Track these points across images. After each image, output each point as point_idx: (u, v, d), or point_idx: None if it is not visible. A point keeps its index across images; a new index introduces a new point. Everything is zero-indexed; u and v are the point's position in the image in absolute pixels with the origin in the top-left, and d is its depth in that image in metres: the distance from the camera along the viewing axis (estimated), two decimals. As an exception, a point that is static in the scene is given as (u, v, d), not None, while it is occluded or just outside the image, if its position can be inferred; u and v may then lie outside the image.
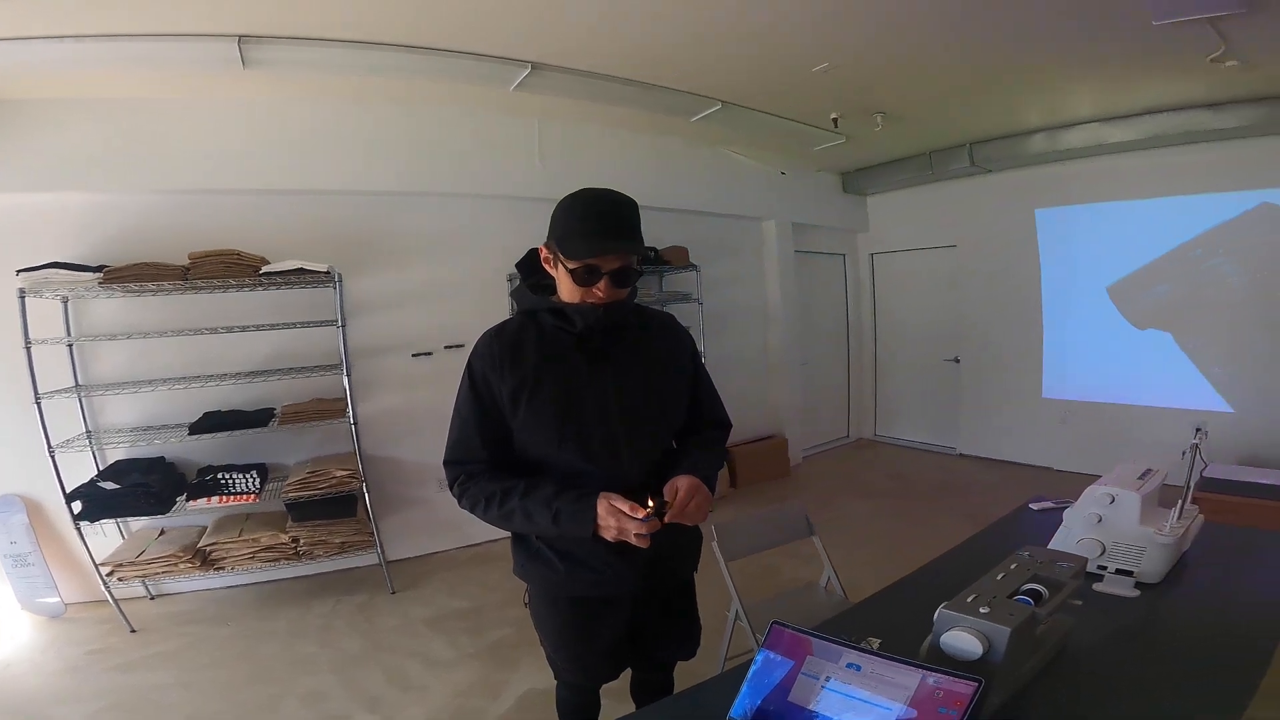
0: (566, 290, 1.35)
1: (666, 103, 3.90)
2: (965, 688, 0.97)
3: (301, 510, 3.38)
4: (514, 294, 1.50)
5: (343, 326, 3.45)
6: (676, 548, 1.48)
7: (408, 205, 4.00)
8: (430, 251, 4.07)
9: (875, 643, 1.19)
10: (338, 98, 3.66)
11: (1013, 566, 1.29)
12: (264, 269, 3.29)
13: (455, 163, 4.02)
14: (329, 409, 3.48)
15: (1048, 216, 5.35)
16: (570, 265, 1.30)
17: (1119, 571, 1.59)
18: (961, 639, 1.09)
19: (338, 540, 3.40)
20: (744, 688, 1.13)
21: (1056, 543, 1.70)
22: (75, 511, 3.03)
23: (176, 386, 3.31)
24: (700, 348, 4.72)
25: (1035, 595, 1.20)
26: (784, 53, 3.29)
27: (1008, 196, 5.51)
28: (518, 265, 1.49)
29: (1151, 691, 1.20)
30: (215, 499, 3.22)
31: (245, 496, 3.26)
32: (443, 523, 3.97)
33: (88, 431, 3.33)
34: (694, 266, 4.74)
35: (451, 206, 4.12)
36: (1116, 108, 4.37)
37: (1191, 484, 1.67)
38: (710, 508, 1.36)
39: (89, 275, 3.06)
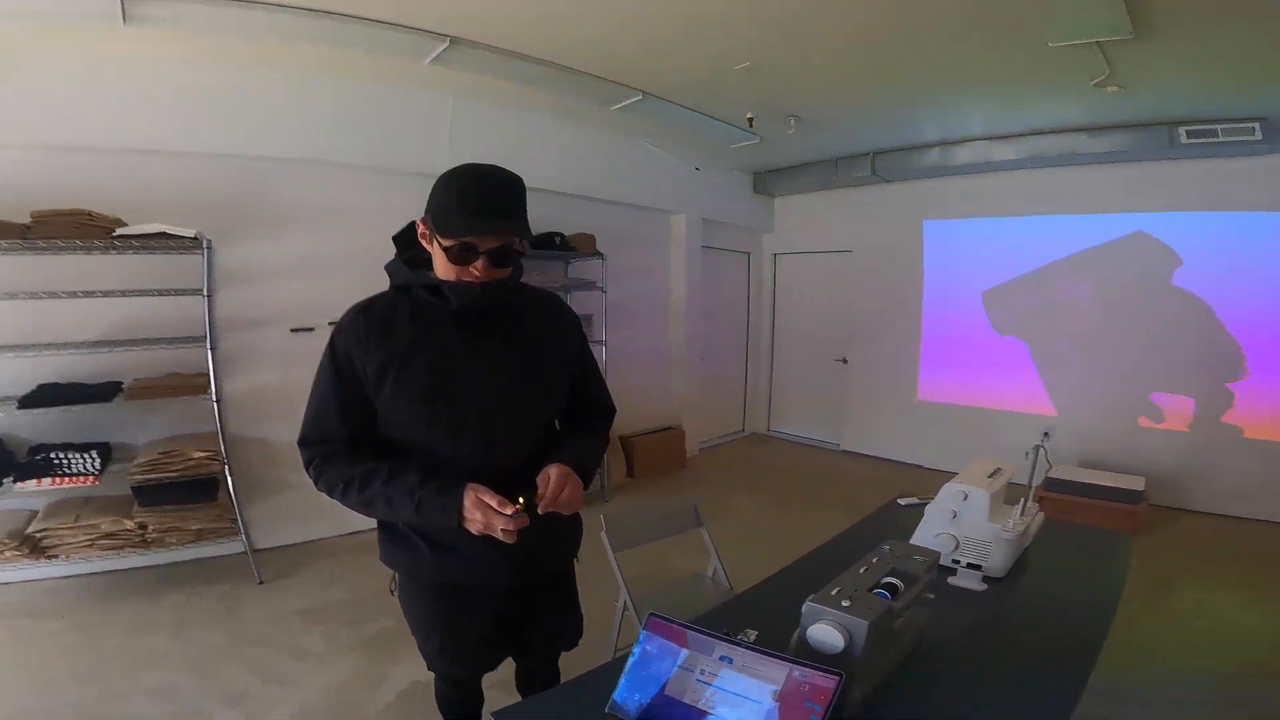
0: (442, 267, 1.28)
1: (588, 89, 3.84)
2: (828, 681, 1.01)
3: (151, 494, 3.05)
4: (388, 267, 1.40)
5: (209, 296, 3.16)
6: (549, 540, 1.43)
7: (299, 173, 3.70)
8: (321, 223, 3.79)
9: (752, 635, 1.21)
10: (231, 61, 3.33)
11: (874, 560, 1.36)
12: (120, 231, 2.94)
13: (358, 134, 3.78)
14: (185, 384, 3.17)
15: (934, 228, 5.75)
16: (445, 243, 1.24)
17: (970, 566, 1.72)
18: (825, 632, 1.14)
19: (194, 527, 3.12)
20: (622, 679, 1.13)
21: (918, 537, 1.80)
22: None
23: (7, 355, 2.91)
24: (602, 336, 4.71)
25: (892, 589, 1.27)
26: (708, 48, 3.31)
27: (901, 206, 5.85)
28: (394, 238, 1.41)
29: (998, 683, 1.29)
30: (48, 480, 2.86)
31: (82, 479, 2.92)
32: (321, 509, 3.64)
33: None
34: (600, 255, 4.71)
35: (349, 178, 3.85)
36: (1003, 127, 4.72)
37: (1034, 483, 1.84)
38: (604, 496, 1.35)
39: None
